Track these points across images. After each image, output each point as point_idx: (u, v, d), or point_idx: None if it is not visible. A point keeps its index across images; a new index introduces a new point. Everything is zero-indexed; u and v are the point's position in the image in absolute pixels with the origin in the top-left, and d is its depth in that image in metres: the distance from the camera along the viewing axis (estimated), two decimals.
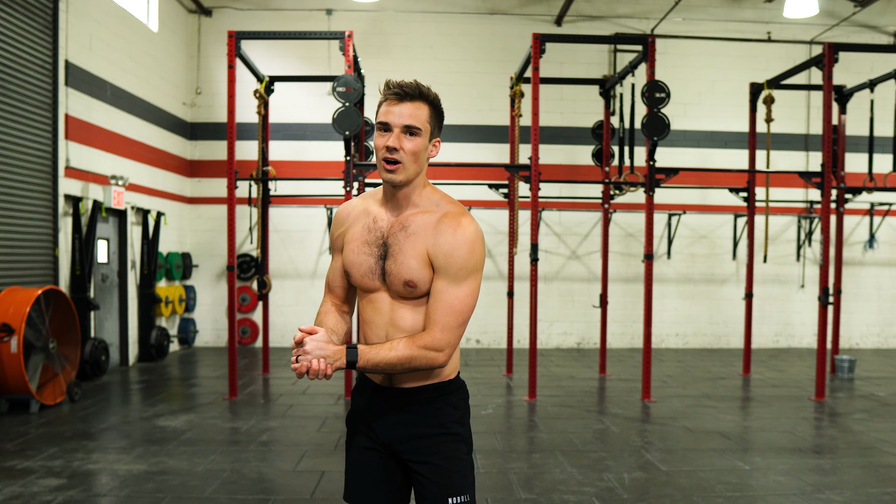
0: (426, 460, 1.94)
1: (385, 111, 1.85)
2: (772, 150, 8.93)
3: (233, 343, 6.81)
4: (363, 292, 1.98)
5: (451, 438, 1.97)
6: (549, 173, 9.54)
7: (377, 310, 1.94)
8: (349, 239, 1.97)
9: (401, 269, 1.87)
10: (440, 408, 1.97)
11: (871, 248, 10.77)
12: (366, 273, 1.93)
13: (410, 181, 1.89)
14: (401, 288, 1.89)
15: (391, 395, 1.96)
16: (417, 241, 1.88)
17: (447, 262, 1.85)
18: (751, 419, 6.07)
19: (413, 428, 1.96)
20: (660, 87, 6.58)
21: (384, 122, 1.84)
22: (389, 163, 1.84)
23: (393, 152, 1.83)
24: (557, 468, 4.51)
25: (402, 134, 1.83)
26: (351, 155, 6.49)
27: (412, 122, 1.83)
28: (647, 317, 6.71)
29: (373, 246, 1.92)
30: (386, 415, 1.98)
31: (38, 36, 6.79)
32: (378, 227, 1.93)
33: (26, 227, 6.66)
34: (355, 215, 2.00)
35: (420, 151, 1.86)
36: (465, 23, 10.50)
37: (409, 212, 1.92)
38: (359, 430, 2.04)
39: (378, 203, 1.98)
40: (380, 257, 1.91)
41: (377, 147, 1.87)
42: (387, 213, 1.94)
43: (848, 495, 4.04)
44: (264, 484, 4.19)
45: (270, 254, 9.43)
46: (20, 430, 5.30)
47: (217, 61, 10.23)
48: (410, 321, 1.91)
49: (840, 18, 10.53)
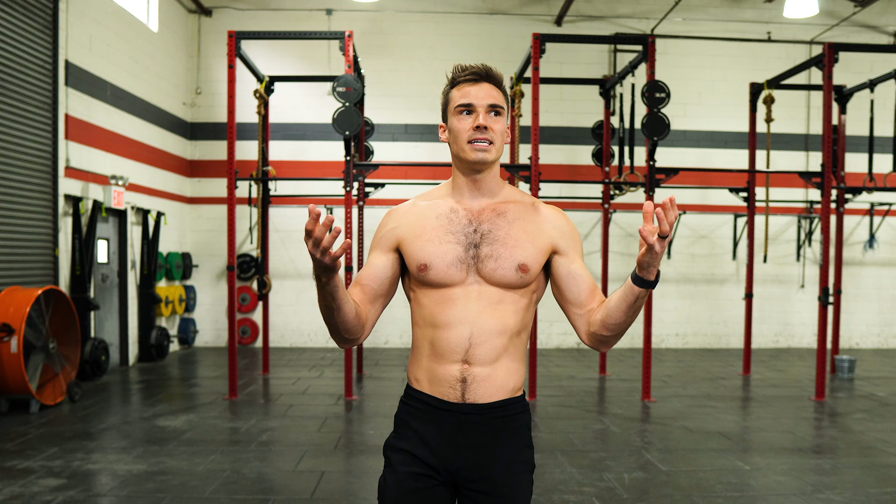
0: (496, 492, 1.71)
1: (464, 93, 1.75)
2: (772, 150, 8.93)
3: (233, 343, 6.81)
4: (435, 290, 1.74)
5: (525, 468, 1.76)
6: (549, 173, 9.53)
7: (459, 307, 1.71)
8: (419, 232, 1.76)
9: (514, 252, 1.72)
10: (517, 429, 1.76)
11: (871, 248, 10.77)
12: (452, 263, 1.72)
13: (496, 163, 1.78)
14: (509, 273, 1.71)
15: (463, 411, 1.71)
16: (527, 226, 1.76)
17: (574, 242, 1.79)
18: (751, 419, 6.07)
19: (485, 453, 1.72)
20: (660, 87, 6.58)
21: (466, 103, 1.73)
22: (480, 142, 1.72)
23: (483, 132, 1.71)
24: (557, 468, 4.51)
25: (487, 114, 1.73)
26: (351, 155, 6.50)
27: (497, 102, 1.74)
28: (646, 317, 6.71)
29: (459, 234, 1.74)
30: (455, 438, 1.72)
31: (38, 36, 6.79)
32: (460, 216, 1.77)
33: (26, 227, 6.66)
34: (417, 212, 1.81)
35: (504, 132, 1.76)
36: (465, 23, 10.50)
37: (497, 199, 1.79)
38: (411, 455, 1.74)
39: (444, 197, 1.82)
40: (471, 245, 1.73)
41: (458, 130, 1.74)
42: (465, 203, 1.79)
43: (848, 495, 4.04)
44: (264, 484, 4.19)
45: (270, 254, 9.43)
46: (20, 430, 5.30)
47: (217, 61, 10.23)
48: (500, 320, 1.72)
49: (840, 18, 10.53)
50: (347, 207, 6.71)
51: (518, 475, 1.74)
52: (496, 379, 1.71)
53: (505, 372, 1.72)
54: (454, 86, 1.79)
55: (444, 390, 1.71)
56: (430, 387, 1.74)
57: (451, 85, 1.80)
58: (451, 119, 1.77)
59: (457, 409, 1.71)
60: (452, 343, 1.69)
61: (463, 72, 1.78)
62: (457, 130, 1.75)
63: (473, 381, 1.70)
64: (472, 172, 1.77)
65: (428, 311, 1.74)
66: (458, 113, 1.75)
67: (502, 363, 1.72)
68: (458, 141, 1.75)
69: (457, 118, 1.75)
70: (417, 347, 1.78)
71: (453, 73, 1.79)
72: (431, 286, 1.74)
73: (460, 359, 1.70)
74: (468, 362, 1.70)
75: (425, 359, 1.75)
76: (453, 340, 1.69)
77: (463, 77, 1.77)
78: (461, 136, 1.74)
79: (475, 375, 1.70)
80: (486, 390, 1.71)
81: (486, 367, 1.70)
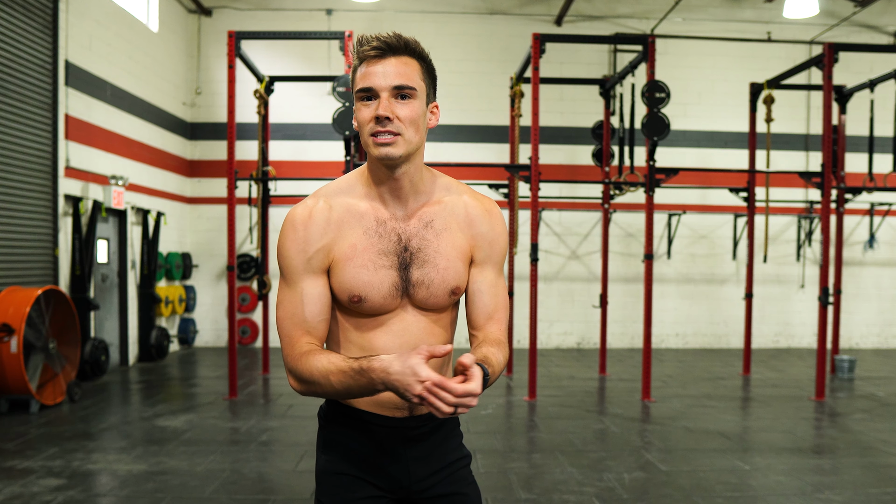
0: (452, 491, 1.66)
1: (364, 74, 1.45)
2: (772, 150, 8.93)
3: (233, 343, 6.81)
4: (366, 318, 1.56)
5: (466, 461, 1.73)
6: (549, 173, 9.53)
7: (395, 332, 1.55)
8: (349, 253, 1.52)
9: (445, 276, 1.54)
10: (451, 430, 1.70)
11: (871, 248, 10.77)
12: (389, 292, 1.52)
13: (411, 157, 1.51)
14: (442, 301, 1.56)
15: (409, 427, 1.61)
16: (454, 237, 1.57)
17: (492, 251, 1.61)
18: (751, 419, 6.07)
19: (432, 460, 1.65)
20: (660, 87, 6.58)
21: (366, 87, 1.44)
22: (383, 135, 1.44)
23: (385, 123, 1.43)
24: (557, 468, 4.51)
25: (391, 98, 1.44)
26: (351, 155, 6.50)
27: (403, 82, 1.44)
28: (647, 317, 6.71)
29: (391, 255, 1.52)
30: (401, 453, 1.62)
31: (38, 36, 6.79)
32: (388, 229, 1.54)
33: (26, 227, 6.66)
34: (337, 219, 1.53)
35: (418, 117, 1.47)
36: (465, 23, 10.50)
37: (420, 202, 1.57)
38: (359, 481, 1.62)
39: (362, 198, 1.56)
40: (402, 266, 1.53)
41: (361, 121, 1.47)
42: (389, 210, 1.55)
43: (848, 495, 4.04)
44: (264, 484, 4.19)
45: (270, 254, 9.42)
46: (20, 430, 5.30)
47: (217, 61, 10.23)
48: (438, 339, 1.60)
49: (840, 18, 10.53)
50: None
51: (465, 470, 1.71)
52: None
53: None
54: (358, 64, 1.47)
55: (390, 411, 1.59)
56: (371, 406, 1.59)
57: (358, 61, 1.47)
58: (355, 105, 1.48)
59: (404, 425, 1.60)
60: None
61: (364, 44, 1.45)
62: (360, 121, 1.47)
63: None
64: (386, 171, 1.51)
65: (357, 335, 1.57)
66: (358, 99, 1.47)
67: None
68: (362, 133, 1.48)
69: (358, 105, 1.47)
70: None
71: (356, 46, 1.47)
72: (361, 315, 1.56)
73: None
74: None
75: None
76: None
77: (364, 52, 1.45)
78: (364, 128, 1.47)
79: None
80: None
81: None
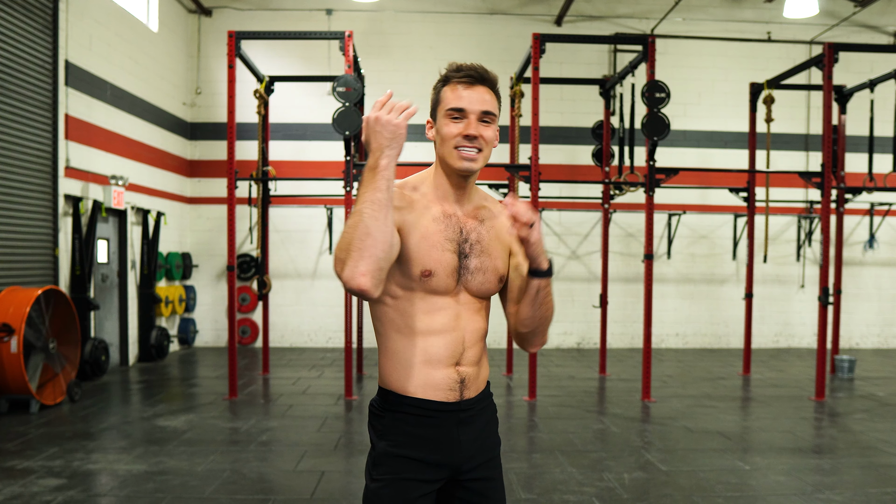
0: (489, 475, 1.83)
1: (457, 96, 1.71)
2: (772, 150, 8.93)
3: (233, 343, 6.81)
4: (427, 297, 1.73)
5: (499, 446, 1.90)
6: (549, 173, 9.53)
7: (450, 315, 1.74)
8: (423, 232, 1.71)
9: (497, 264, 1.78)
10: (493, 414, 1.89)
11: (871, 248, 10.77)
12: (450, 273, 1.72)
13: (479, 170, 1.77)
14: (493, 287, 1.79)
15: (463, 408, 1.77)
16: (500, 234, 1.80)
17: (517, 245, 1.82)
18: (751, 419, 6.07)
19: (480, 442, 1.81)
20: (660, 87, 6.58)
21: (459, 107, 1.70)
22: (468, 150, 1.70)
23: (472, 140, 1.70)
24: (557, 468, 4.51)
25: (479, 122, 1.71)
26: (351, 155, 6.50)
27: (489, 108, 1.71)
28: (647, 317, 6.71)
29: (454, 242, 1.74)
30: (456, 434, 1.76)
31: (38, 36, 6.79)
32: (453, 222, 1.76)
33: (26, 227, 6.66)
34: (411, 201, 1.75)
35: (495, 138, 1.74)
36: (465, 23, 10.50)
37: (474, 204, 1.81)
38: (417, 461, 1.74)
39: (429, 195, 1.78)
40: (461, 255, 1.75)
41: (446, 135, 1.71)
42: (451, 207, 1.77)
43: (848, 495, 4.04)
44: (264, 484, 4.19)
45: (270, 254, 9.42)
46: (20, 430, 5.30)
47: (217, 61, 10.23)
48: (481, 325, 1.81)
49: (840, 18, 10.53)
50: (347, 207, 6.70)
51: (497, 455, 1.88)
52: (480, 375, 1.82)
53: (484, 368, 1.84)
54: (447, 83, 1.74)
55: (443, 393, 1.75)
56: (425, 391, 1.74)
57: (444, 82, 1.75)
58: (440, 120, 1.75)
59: (456, 408, 1.76)
60: (450, 349, 1.74)
61: (458, 71, 1.73)
62: (445, 134, 1.73)
63: (467, 381, 1.78)
64: (458, 178, 1.76)
65: (416, 318, 1.72)
66: (449, 116, 1.72)
67: (483, 361, 1.83)
68: (445, 145, 1.73)
69: (447, 121, 1.73)
70: (400, 354, 1.74)
71: (447, 71, 1.74)
72: (424, 292, 1.72)
73: (455, 363, 1.75)
74: (461, 364, 1.76)
75: (418, 365, 1.73)
76: (451, 347, 1.74)
77: (457, 77, 1.73)
78: (449, 141, 1.72)
79: (468, 376, 1.78)
80: (475, 387, 1.80)
81: (474, 367, 1.79)
